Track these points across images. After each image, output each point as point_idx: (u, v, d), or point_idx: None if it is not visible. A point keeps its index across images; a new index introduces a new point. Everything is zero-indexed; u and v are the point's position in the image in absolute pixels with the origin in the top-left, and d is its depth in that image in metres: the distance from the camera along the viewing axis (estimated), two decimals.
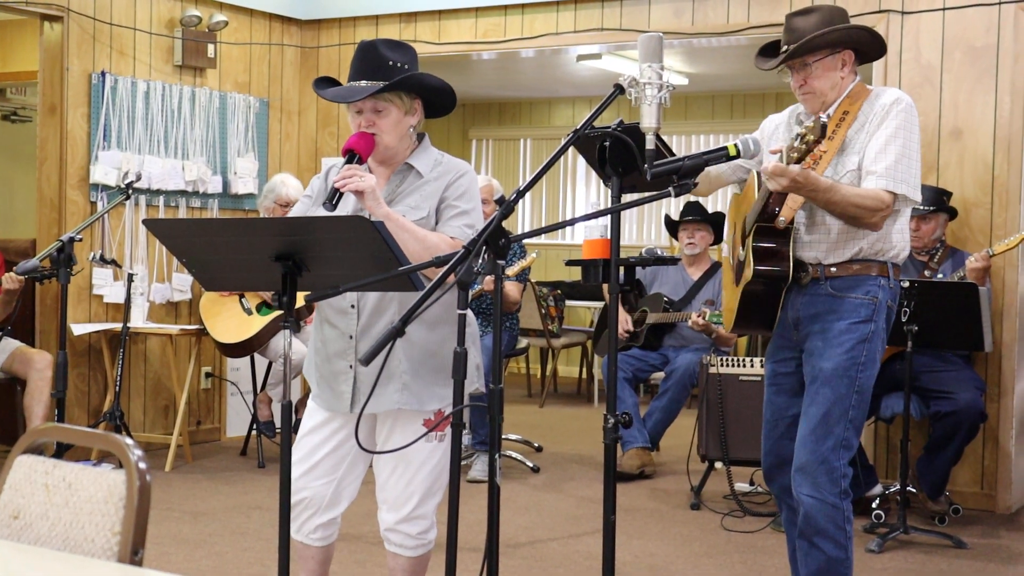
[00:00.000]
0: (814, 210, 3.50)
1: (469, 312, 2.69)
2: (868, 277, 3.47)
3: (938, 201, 5.47)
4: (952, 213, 5.56)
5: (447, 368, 3.17)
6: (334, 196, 3.08)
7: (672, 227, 6.86)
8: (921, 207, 5.33)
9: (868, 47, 3.59)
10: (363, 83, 3.18)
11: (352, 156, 3.14)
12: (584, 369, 9.99)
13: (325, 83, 3.35)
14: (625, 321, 6.64)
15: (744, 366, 5.71)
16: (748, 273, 3.53)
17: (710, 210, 6.93)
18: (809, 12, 3.56)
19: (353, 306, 3.21)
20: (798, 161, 3.27)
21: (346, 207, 3.22)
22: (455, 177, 3.25)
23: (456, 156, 3.36)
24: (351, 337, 3.22)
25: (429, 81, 3.23)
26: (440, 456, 3.26)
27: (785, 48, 3.53)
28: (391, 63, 3.18)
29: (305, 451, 3.31)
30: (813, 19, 3.52)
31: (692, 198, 6.57)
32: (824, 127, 3.26)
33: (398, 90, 3.19)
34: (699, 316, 6.19)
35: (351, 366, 3.21)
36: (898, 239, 3.51)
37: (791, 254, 3.49)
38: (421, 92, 3.25)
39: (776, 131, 3.69)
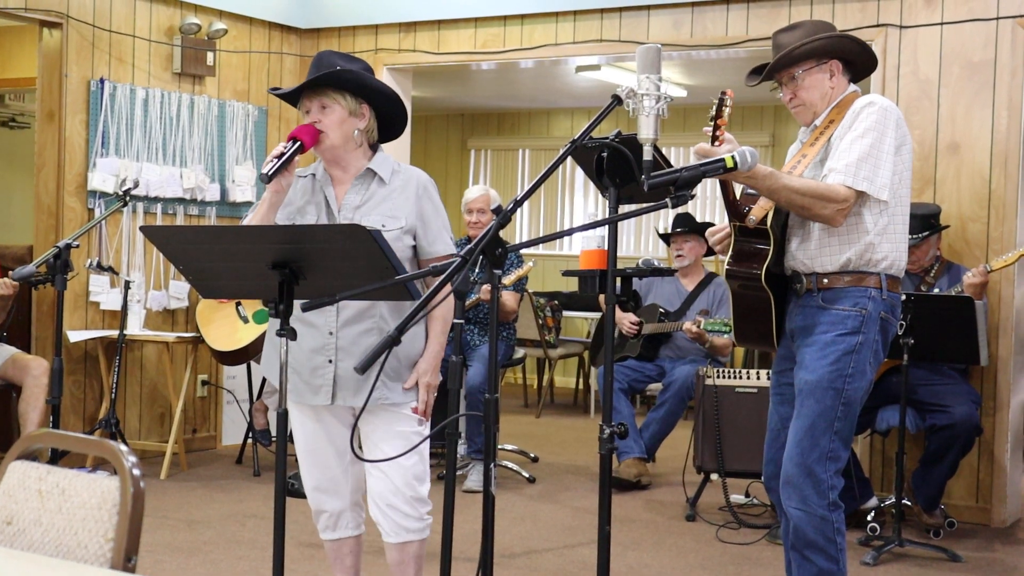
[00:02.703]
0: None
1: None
2: (858, 289, 3.46)
3: (928, 226, 5.46)
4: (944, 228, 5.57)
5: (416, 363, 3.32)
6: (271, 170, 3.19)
7: (667, 240, 6.86)
8: (912, 236, 5.31)
9: (855, 56, 3.61)
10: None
11: (295, 142, 3.24)
12: (580, 380, 9.98)
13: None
14: (627, 317, 6.59)
15: (740, 378, 5.71)
16: (724, 272, 3.60)
17: (699, 219, 6.90)
18: (794, 27, 3.61)
19: None
20: (713, 139, 3.37)
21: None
22: (428, 190, 3.37)
23: (455, 166, 3.43)
24: (331, 333, 3.30)
25: (368, 80, 3.32)
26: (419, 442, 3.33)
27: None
28: (338, 68, 3.29)
29: (308, 461, 3.41)
30: (797, 33, 3.57)
31: (682, 209, 6.56)
32: (722, 98, 3.39)
33: (332, 85, 3.27)
34: (693, 324, 6.18)
35: (331, 360, 3.29)
36: (888, 249, 3.47)
37: (768, 255, 3.49)
38: (363, 93, 3.32)
39: (791, 154, 3.75)
